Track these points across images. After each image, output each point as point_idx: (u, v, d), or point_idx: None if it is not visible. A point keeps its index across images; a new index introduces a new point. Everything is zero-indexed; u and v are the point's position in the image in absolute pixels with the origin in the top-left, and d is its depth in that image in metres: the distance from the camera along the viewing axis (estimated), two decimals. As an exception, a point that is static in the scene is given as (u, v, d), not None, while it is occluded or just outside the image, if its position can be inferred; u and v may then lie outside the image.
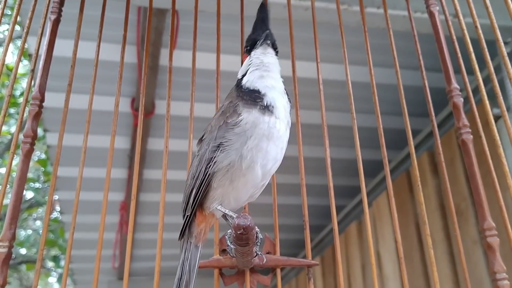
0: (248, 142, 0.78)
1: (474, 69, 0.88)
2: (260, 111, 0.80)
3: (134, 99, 2.61)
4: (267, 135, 0.79)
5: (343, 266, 3.30)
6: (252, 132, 0.78)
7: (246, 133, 0.78)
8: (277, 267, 0.89)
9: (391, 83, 1.00)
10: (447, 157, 2.30)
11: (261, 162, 0.79)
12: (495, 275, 0.73)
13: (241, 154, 0.78)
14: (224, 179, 0.79)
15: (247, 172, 0.79)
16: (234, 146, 0.78)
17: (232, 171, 0.78)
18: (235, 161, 0.78)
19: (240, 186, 0.79)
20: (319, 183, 2.66)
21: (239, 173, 0.78)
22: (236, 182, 0.79)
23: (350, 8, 1.81)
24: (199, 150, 0.84)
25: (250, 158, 0.78)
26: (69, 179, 3.08)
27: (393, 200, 0.87)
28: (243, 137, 0.78)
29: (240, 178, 0.79)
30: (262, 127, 0.79)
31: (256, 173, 0.80)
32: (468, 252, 2.11)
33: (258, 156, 0.78)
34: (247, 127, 0.79)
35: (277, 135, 0.80)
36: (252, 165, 0.78)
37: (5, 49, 0.91)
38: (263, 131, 0.79)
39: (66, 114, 0.91)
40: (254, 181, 0.81)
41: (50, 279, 8.59)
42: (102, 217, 0.86)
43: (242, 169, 0.78)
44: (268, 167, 0.81)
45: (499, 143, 0.81)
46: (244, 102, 0.82)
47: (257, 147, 0.78)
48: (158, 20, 2.03)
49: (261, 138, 0.79)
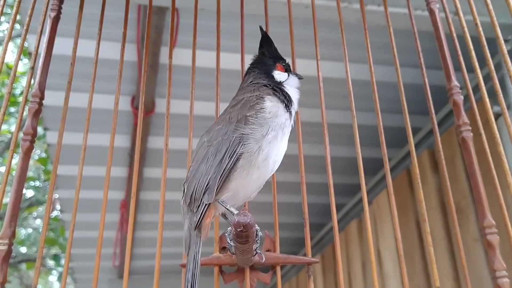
0: (268, 134, 0.79)
1: (474, 66, 0.88)
2: (281, 103, 0.85)
3: (135, 97, 2.61)
4: (282, 129, 0.82)
5: (344, 264, 3.31)
6: (272, 122, 0.80)
7: (267, 122, 0.80)
8: (277, 265, 0.89)
9: (392, 81, 1.00)
10: (448, 155, 2.30)
11: (274, 158, 0.81)
12: (495, 273, 0.73)
13: (260, 145, 0.78)
14: (242, 170, 0.78)
15: (262, 166, 0.79)
16: (255, 136, 0.79)
17: (250, 163, 0.78)
18: (253, 152, 0.78)
19: (254, 179, 0.79)
20: (319, 181, 2.66)
21: (255, 165, 0.78)
22: (251, 174, 0.79)
23: (351, 6, 1.81)
24: (214, 140, 0.82)
25: (267, 152, 0.79)
26: (69, 177, 3.08)
27: (393, 198, 0.87)
28: (264, 128, 0.80)
29: (255, 171, 0.79)
30: (281, 120, 0.82)
31: (269, 167, 0.80)
32: (469, 250, 2.11)
33: (273, 150, 0.80)
34: (268, 116, 0.81)
35: (287, 132, 0.83)
36: (268, 158, 0.79)
37: (5, 47, 0.91)
38: (281, 124, 0.81)
39: (66, 112, 0.91)
40: (265, 175, 0.81)
41: (51, 278, 8.60)
42: (102, 215, 0.86)
43: (258, 162, 0.78)
44: (277, 164, 0.83)
45: (499, 141, 0.81)
46: (269, 91, 0.87)
47: (274, 140, 0.80)
48: (158, 18, 2.03)
49: (277, 132, 0.81)
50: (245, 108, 0.83)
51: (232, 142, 0.79)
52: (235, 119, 0.82)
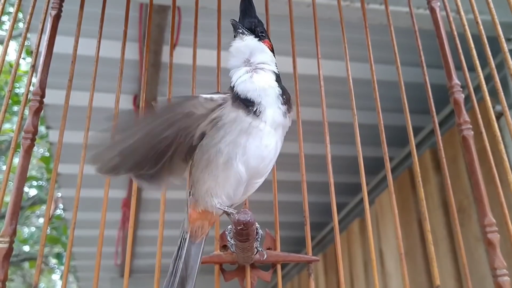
0: (226, 137, 0.78)
1: (475, 64, 0.88)
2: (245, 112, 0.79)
3: (137, 96, 2.62)
4: (245, 131, 0.78)
5: (346, 263, 3.31)
6: (230, 127, 0.78)
7: (224, 127, 0.78)
8: (278, 263, 0.89)
9: (395, 80, 1.00)
10: (450, 154, 2.29)
11: (241, 158, 0.78)
12: (496, 271, 0.73)
13: (218, 148, 0.78)
14: (205, 174, 0.79)
15: (226, 168, 0.78)
16: (213, 141, 0.78)
17: (212, 166, 0.78)
18: (212, 156, 0.78)
19: (221, 182, 0.79)
20: (321, 180, 2.66)
21: (217, 168, 0.78)
22: (217, 177, 0.78)
23: (353, 4, 1.80)
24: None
25: (227, 153, 0.78)
26: (72, 176, 3.08)
27: (393, 195, 0.87)
28: (221, 131, 0.78)
29: (220, 173, 0.78)
30: (241, 125, 0.78)
31: (237, 169, 0.79)
32: (471, 249, 2.11)
33: (236, 151, 0.78)
34: (226, 121, 0.78)
35: (259, 133, 0.79)
36: (230, 160, 0.78)
37: (6, 45, 0.92)
38: (241, 127, 0.78)
39: (67, 109, 0.91)
40: (237, 177, 0.79)
41: (54, 277, 8.63)
42: (103, 213, 0.86)
43: (219, 164, 0.78)
44: (253, 164, 0.80)
45: (500, 139, 0.81)
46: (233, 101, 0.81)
47: (235, 142, 0.78)
48: (160, 17, 2.03)
49: (239, 134, 0.78)
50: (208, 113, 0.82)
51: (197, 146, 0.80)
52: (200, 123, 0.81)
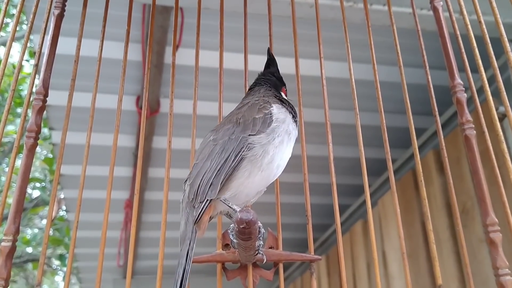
0: (275, 139, 0.81)
1: (478, 64, 0.88)
2: (289, 113, 0.87)
3: (140, 97, 2.62)
4: (288, 135, 0.84)
5: (349, 264, 3.30)
6: (278, 128, 0.83)
7: (274, 127, 0.82)
8: (280, 262, 0.89)
9: (398, 81, 1.00)
10: (453, 155, 2.29)
11: (278, 162, 0.82)
12: (498, 271, 0.73)
13: (265, 149, 0.80)
14: (244, 171, 0.79)
15: (266, 168, 0.80)
16: (261, 141, 0.81)
17: (254, 165, 0.79)
18: (258, 155, 0.80)
19: (256, 180, 0.80)
20: (324, 181, 2.66)
21: (258, 168, 0.80)
22: (253, 176, 0.80)
23: (356, 5, 1.80)
24: (220, 139, 0.84)
25: (272, 156, 0.81)
26: (75, 177, 3.09)
27: (395, 195, 0.87)
28: (271, 133, 0.82)
29: (258, 173, 0.80)
30: (287, 126, 0.84)
31: (273, 171, 0.82)
32: (474, 250, 2.10)
33: (278, 155, 0.82)
34: (275, 121, 0.83)
35: (293, 139, 0.85)
36: (272, 162, 0.81)
37: (9, 45, 0.92)
38: (287, 130, 0.84)
39: (70, 108, 0.91)
40: (268, 179, 0.83)
41: (57, 278, 8.63)
42: (105, 214, 0.86)
43: (262, 164, 0.80)
44: (281, 169, 0.84)
45: (502, 138, 0.81)
46: (277, 101, 0.89)
47: (281, 145, 0.82)
48: (163, 18, 2.04)
49: (284, 137, 0.83)
50: (253, 110, 0.86)
51: (238, 143, 0.80)
52: (243, 121, 0.84)
